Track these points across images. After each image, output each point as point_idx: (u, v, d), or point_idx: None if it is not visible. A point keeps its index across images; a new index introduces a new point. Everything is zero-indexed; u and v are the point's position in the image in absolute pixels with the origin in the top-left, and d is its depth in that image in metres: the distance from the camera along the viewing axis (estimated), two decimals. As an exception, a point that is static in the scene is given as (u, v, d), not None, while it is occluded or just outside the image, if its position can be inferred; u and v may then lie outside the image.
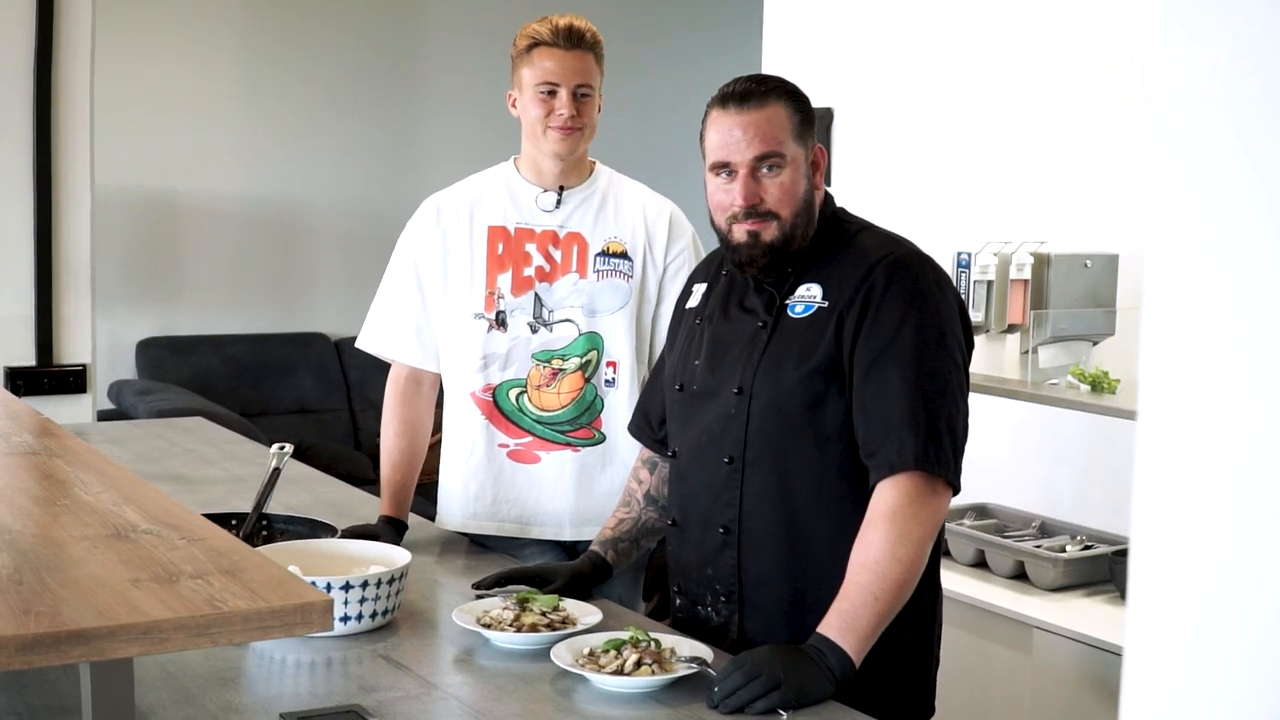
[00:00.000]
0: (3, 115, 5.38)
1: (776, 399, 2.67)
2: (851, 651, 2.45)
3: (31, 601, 1.80)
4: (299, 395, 7.92)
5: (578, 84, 3.30)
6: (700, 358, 2.83)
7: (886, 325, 2.59)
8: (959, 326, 2.67)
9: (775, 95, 2.70)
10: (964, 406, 2.65)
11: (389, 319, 3.49)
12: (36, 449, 2.91)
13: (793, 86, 2.75)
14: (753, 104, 2.68)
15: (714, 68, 8.84)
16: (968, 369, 2.68)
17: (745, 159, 2.67)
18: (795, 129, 2.69)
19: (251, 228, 8.04)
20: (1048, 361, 5.20)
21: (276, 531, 3.27)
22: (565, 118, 3.29)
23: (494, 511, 3.41)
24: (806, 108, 2.74)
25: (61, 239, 5.49)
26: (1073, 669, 3.67)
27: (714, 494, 2.75)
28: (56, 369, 5.50)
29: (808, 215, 2.72)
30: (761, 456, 2.69)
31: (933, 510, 2.54)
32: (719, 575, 2.76)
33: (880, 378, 2.58)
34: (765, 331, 2.72)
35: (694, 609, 2.83)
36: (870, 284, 2.63)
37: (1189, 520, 1.14)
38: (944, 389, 2.59)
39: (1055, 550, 4.07)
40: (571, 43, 3.29)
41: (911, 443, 2.53)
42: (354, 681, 2.51)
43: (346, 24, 8.25)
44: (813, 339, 2.65)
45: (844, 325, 2.63)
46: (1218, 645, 1.16)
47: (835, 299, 2.66)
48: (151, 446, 4.63)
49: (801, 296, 2.70)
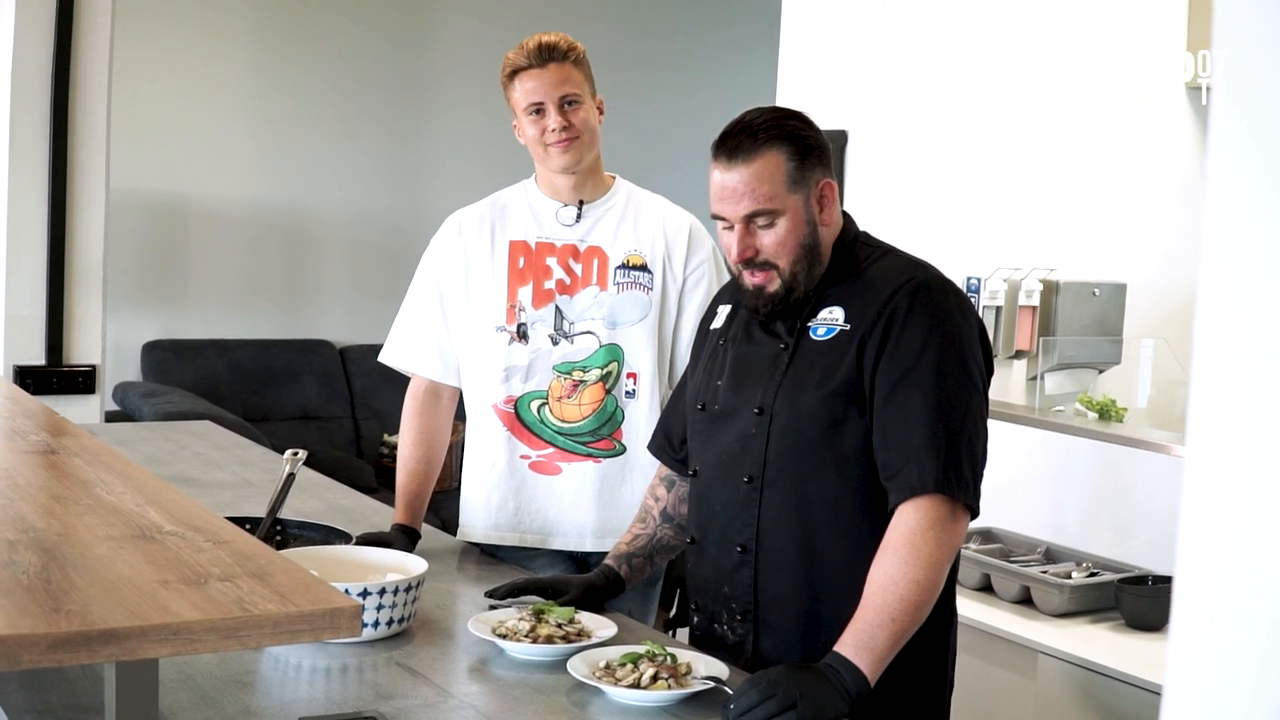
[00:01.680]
0: (20, 117, 5.40)
1: (796, 420, 2.68)
2: (867, 671, 2.46)
3: (61, 600, 1.80)
4: (302, 401, 7.92)
5: (561, 95, 3.32)
6: (723, 378, 2.84)
7: (909, 349, 2.60)
8: (980, 352, 2.67)
9: (768, 143, 2.66)
10: (984, 431, 2.65)
11: (411, 334, 3.51)
12: (54, 447, 2.92)
13: (792, 125, 2.70)
14: (742, 158, 2.66)
15: (732, 86, 8.90)
16: (988, 394, 2.69)
17: (737, 214, 2.68)
18: (791, 175, 2.66)
19: (260, 233, 8.05)
20: (1054, 388, 5.23)
21: (291, 537, 3.28)
22: (558, 130, 3.32)
23: (516, 523, 3.42)
24: (808, 145, 2.70)
25: (75, 240, 5.50)
26: (1077, 695, 3.68)
27: (732, 513, 2.76)
28: (66, 369, 5.51)
29: (810, 259, 2.71)
30: (780, 477, 2.70)
31: (951, 534, 2.55)
32: (735, 594, 2.77)
33: (902, 401, 2.58)
34: (787, 353, 2.73)
35: (710, 626, 2.84)
36: (893, 308, 2.63)
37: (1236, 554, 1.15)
38: (965, 413, 2.59)
39: (1061, 576, 4.08)
40: (545, 58, 3.31)
41: (932, 466, 2.53)
42: (370, 688, 2.52)
43: (358, 33, 8.27)
44: (834, 361, 2.66)
45: (865, 349, 2.63)
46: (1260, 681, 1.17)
47: (857, 323, 2.66)
48: (161, 449, 4.64)
49: (824, 319, 2.70)
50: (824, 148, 2.75)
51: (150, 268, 7.77)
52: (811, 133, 2.73)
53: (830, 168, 2.76)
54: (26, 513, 2.32)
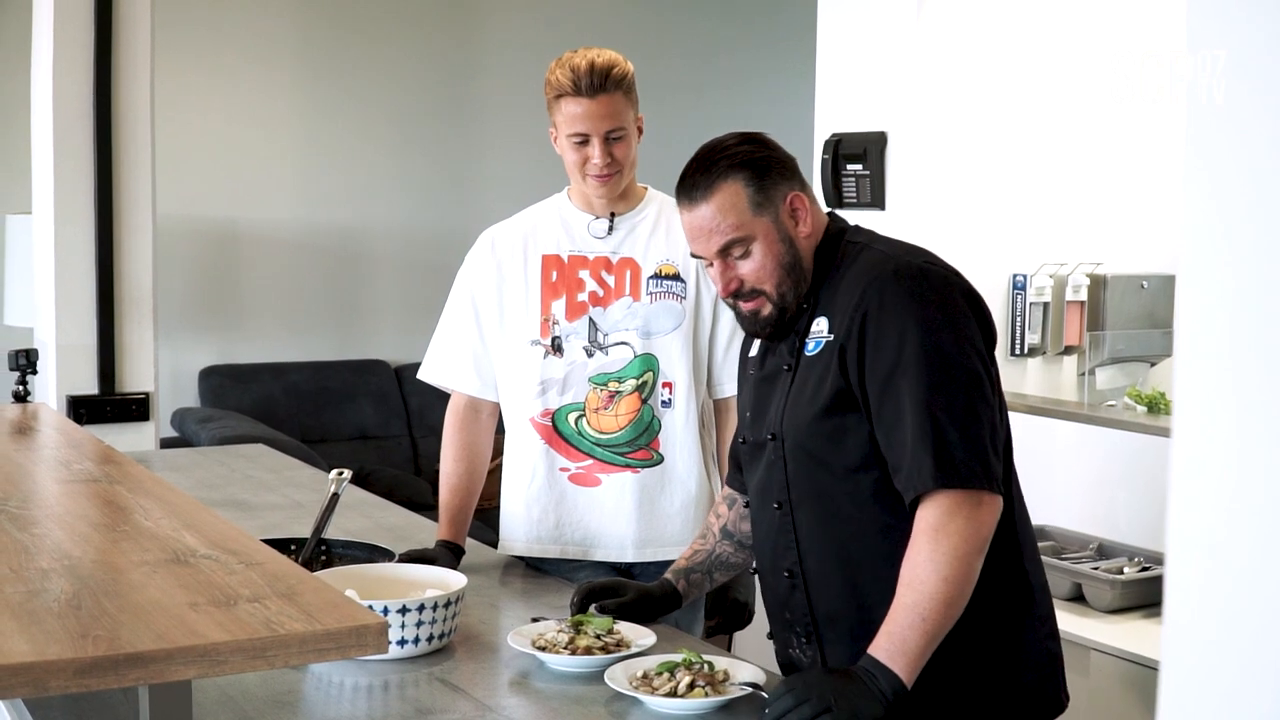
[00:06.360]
0: (64, 145, 5.45)
1: (799, 439, 2.68)
2: (902, 673, 2.44)
3: (90, 625, 1.83)
4: (359, 422, 7.96)
5: (608, 130, 3.31)
6: (749, 409, 2.86)
7: (888, 345, 2.55)
8: (969, 326, 2.60)
9: (723, 175, 2.66)
10: (986, 409, 2.57)
11: (448, 350, 3.53)
12: (98, 476, 2.96)
13: (744, 151, 2.69)
14: (700, 195, 2.67)
15: (767, 91, 8.92)
16: (988, 368, 2.61)
17: (710, 251, 2.69)
18: (752, 200, 2.66)
19: (311, 256, 8.10)
20: (1105, 383, 5.19)
21: (335, 556, 3.30)
22: (599, 166, 3.32)
23: (557, 535, 3.43)
24: (763, 165, 2.68)
25: (123, 268, 5.54)
26: (1129, 691, 3.66)
27: (774, 541, 2.77)
28: (119, 397, 5.55)
29: (794, 276, 2.70)
30: (805, 498, 2.69)
31: (970, 521, 2.49)
32: (795, 618, 2.76)
33: (892, 398, 2.55)
34: (789, 375, 2.72)
35: (787, 652, 2.84)
36: (864, 309, 2.59)
37: (1224, 535, 1.15)
38: (957, 397, 2.54)
39: (1113, 572, 4.06)
40: (595, 89, 3.27)
41: (929, 462, 2.49)
42: (410, 704, 2.54)
43: (405, 53, 8.30)
44: (821, 374, 2.64)
45: (846, 357, 2.60)
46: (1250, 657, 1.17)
47: (837, 330, 2.63)
48: (213, 473, 4.68)
49: (814, 333, 2.68)
50: (784, 162, 2.72)
51: (205, 294, 7.84)
52: (767, 151, 2.71)
53: (796, 179, 2.73)
54: (63, 541, 2.36)
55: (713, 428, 3.53)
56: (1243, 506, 1.15)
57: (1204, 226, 1.15)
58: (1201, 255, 1.15)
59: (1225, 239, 1.15)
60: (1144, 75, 5.26)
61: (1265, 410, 1.14)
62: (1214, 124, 1.16)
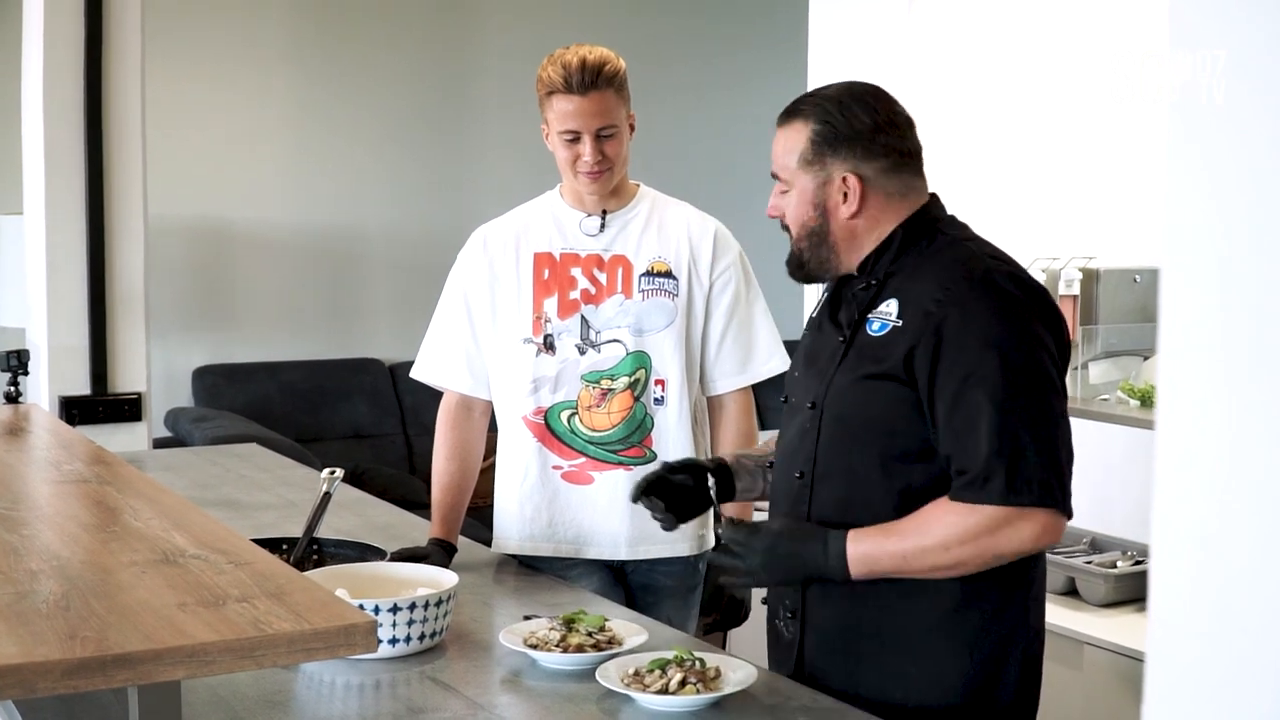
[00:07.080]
0: (55, 145, 5.44)
1: (842, 411, 2.61)
2: (853, 569, 2.54)
3: (78, 626, 1.82)
4: (354, 420, 7.95)
5: (599, 127, 3.31)
6: (799, 368, 2.80)
7: (969, 351, 2.48)
8: (1050, 340, 2.53)
9: (801, 116, 2.64)
10: (1061, 428, 2.51)
11: (440, 349, 3.53)
12: (88, 476, 2.95)
13: (828, 111, 2.61)
14: (782, 120, 2.68)
15: (760, 88, 8.89)
16: (1064, 384, 2.54)
17: (771, 171, 2.70)
18: (805, 154, 2.62)
19: (305, 255, 8.09)
20: (1098, 377, 5.18)
21: (327, 555, 3.30)
22: (590, 164, 3.32)
23: (550, 533, 3.43)
24: (832, 135, 2.60)
25: (115, 269, 5.54)
26: (1122, 684, 3.66)
27: (787, 508, 2.71)
28: (111, 397, 5.55)
29: (815, 244, 2.65)
30: (828, 474, 2.63)
31: (1012, 535, 2.46)
32: (787, 590, 2.73)
33: (965, 407, 2.47)
34: (844, 347, 2.64)
35: (773, 620, 2.79)
36: (945, 314, 2.50)
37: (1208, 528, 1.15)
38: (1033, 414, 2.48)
39: (1106, 566, 4.06)
40: (586, 86, 3.27)
41: (1001, 476, 2.44)
42: (402, 703, 2.53)
43: (399, 53, 8.29)
44: (878, 359, 2.56)
45: (915, 358, 2.51)
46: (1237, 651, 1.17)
47: (909, 319, 2.54)
48: (206, 473, 4.67)
49: (880, 313, 2.59)
50: (858, 136, 2.61)
51: (198, 293, 7.83)
52: (845, 117, 2.61)
53: (871, 160, 2.62)
54: (52, 542, 2.35)
55: (706, 425, 3.53)
56: (1229, 499, 1.15)
57: (1186, 216, 1.15)
58: (1184, 245, 1.15)
59: (1207, 229, 1.15)
60: (1142, 74, 5.26)
61: (1250, 401, 1.14)
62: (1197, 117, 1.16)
